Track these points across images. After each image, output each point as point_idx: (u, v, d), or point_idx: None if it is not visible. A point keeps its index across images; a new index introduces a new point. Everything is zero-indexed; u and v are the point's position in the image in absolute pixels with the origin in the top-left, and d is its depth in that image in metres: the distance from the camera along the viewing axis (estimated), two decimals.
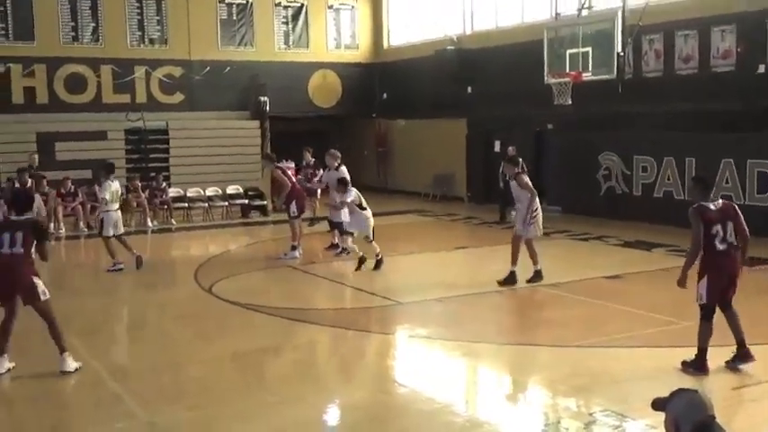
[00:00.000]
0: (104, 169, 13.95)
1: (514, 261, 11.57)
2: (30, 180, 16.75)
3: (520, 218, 11.66)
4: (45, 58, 21.88)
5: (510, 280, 11.48)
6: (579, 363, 8.03)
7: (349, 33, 26.63)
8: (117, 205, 13.76)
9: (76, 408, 7.37)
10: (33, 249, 7.78)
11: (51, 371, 7.77)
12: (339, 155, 14.82)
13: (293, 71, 25.09)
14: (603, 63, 17.46)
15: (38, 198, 14.27)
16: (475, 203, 22.30)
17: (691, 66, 16.95)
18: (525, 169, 11.93)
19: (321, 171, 16.30)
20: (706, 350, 7.40)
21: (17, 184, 16.54)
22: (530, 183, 11.62)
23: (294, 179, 15.32)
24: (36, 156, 18.80)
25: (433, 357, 8.77)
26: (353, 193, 13.13)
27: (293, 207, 14.55)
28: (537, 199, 11.64)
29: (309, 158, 17.46)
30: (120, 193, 14.02)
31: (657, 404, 3.39)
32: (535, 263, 11.59)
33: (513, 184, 11.75)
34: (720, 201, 7.65)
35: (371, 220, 13.14)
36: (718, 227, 7.38)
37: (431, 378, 7.85)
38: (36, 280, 7.76)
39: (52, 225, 18.09)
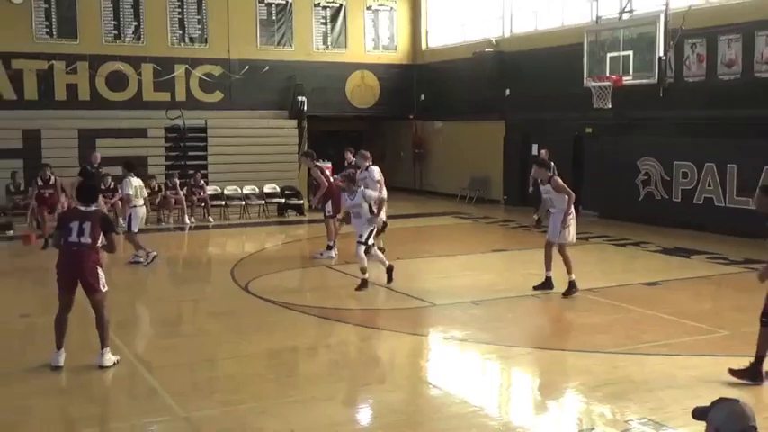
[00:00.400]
0: (125, 167, 14.24)
1: (548, 267, 11.35)
2: (52, 176, 16.92)
3: (554, 223, 11.23)
4: (87, 56, 22.21)
5: (546, 285, 11.36)
6: (616, 369, 7.93)
7: (387, 34, 26.65)
8: (142, 201, 13.99)
9: (114, 401, 7.45)
10: (100, 240, 7.90)
11: (87, 364, 7.87)
12: (369, 155, 14.74)
13: (331, 71, 25.18)
14: (645, 67, 17.29)
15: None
16: (511, 206, 22.20)
17: (734, 71, 16.69)
18: (556, 172, 11.68)
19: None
20: (764, 358, 7.26)
21: (40, 182, 16.75)
22: (565, 185, 11.23)
23: (331, 179, 15.33)
24: (98, 154, 19.01)
25: (467, 360, 8.73)
26: (358, 196, 11.74)
27: (329, 207, 14.58)
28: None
29: (351, 158, 17.49)
30: (143, 188, 14.23)
31: (698, 413, 3.33)
32: (569, 272, 11.10)
33: (546, 188, 11.23)
34: None
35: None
36: None
37: (465, 381, 7.82)
38: (100, 271, 7.87)
39: None
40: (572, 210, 11.12)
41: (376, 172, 14.26)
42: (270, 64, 24.22)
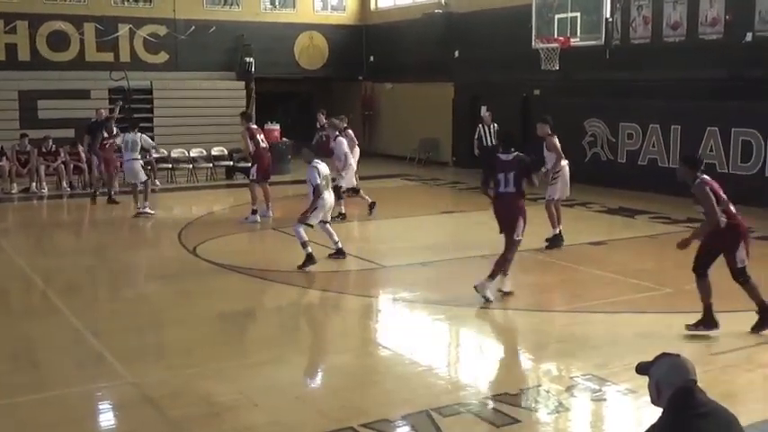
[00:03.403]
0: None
1: (553, 225, 11.77)
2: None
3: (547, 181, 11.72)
4: (27, 15, 21.54)
5: (554, 242, 11.70)
6: (562, 328, 8.08)
7: None
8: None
9: (59, 367, 7.33)
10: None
11: (31, 333, 7.71)
12: (340, 124, 14.52)
13: (279, 32, 24.80)
14: (592, 29, 17.44)
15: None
16: (460, 168, 22.26)
17: (678, 33, 16.87)
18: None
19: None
20: (711, 305, 7.49)
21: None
22: (558, 146, 11.63)
23: (265, 142, 14.87)
24: (103, 111, 18.39)
25: (416, 320, 8.79)
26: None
27: (253, 170, 14.34)
28: (563, 162, 11.72)
29: (323, 120, 17.42)
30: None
31: (641, 368, 3.41)
32: (553, 226, 11.72)
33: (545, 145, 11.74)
34: None
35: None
36: None
37: (414, 341, 7.87)
38: (519, 221, 8.41)
39: (34, 184, 17.99)
40: (559, 167, 11.65)
41: (341, 143, 13.89)
42: (217, 24, 23.76)
